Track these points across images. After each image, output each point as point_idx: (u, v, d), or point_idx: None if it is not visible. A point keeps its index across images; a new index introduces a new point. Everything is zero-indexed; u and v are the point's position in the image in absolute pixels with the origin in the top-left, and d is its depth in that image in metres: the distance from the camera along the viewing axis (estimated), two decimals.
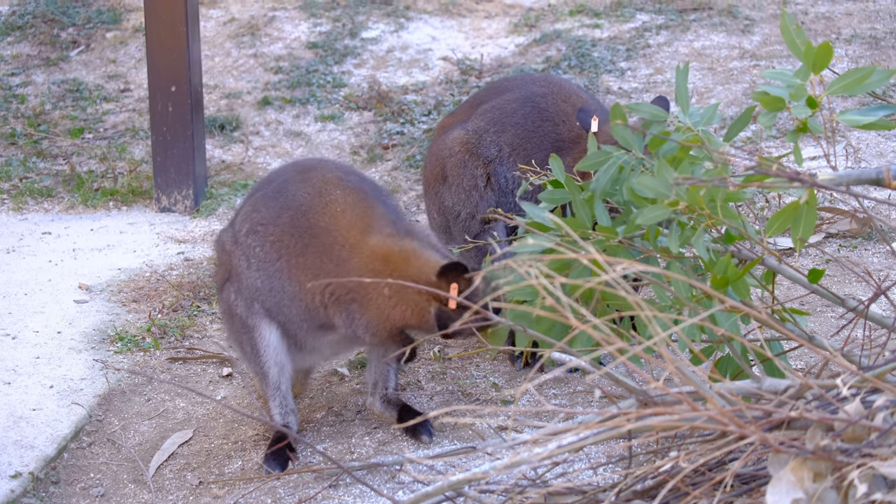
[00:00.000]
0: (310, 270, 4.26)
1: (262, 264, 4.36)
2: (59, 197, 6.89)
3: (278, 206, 4.35)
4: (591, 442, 2.69)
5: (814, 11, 8.44)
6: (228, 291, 4.47)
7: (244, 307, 4.42)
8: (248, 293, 4.40)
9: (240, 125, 7.66)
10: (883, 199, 4.85)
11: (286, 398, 4.46)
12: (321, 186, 4.33)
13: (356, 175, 4.51)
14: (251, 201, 4.50)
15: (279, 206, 4.35)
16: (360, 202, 4.30)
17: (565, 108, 4.95)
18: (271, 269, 4.33)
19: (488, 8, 9.11)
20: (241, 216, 4.50)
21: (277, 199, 4.37)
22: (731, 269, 3.39)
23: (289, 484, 4.18)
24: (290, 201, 4.34)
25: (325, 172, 4.40)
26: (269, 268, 4.34)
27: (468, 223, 5.01)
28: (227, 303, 4.50)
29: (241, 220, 4.47)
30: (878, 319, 3.68)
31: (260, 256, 4.35)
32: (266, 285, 4.36)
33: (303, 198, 4.32)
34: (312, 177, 4.38)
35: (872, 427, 2.56)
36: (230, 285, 4.46)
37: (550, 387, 4.67)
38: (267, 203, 4.39)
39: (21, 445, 4.51)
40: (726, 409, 2.57)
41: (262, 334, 4.40)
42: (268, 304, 4.38)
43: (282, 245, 4.31)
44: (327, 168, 4.45)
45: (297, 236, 4.28)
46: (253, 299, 4.39)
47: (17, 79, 8.25)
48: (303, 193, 4.33)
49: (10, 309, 5.48)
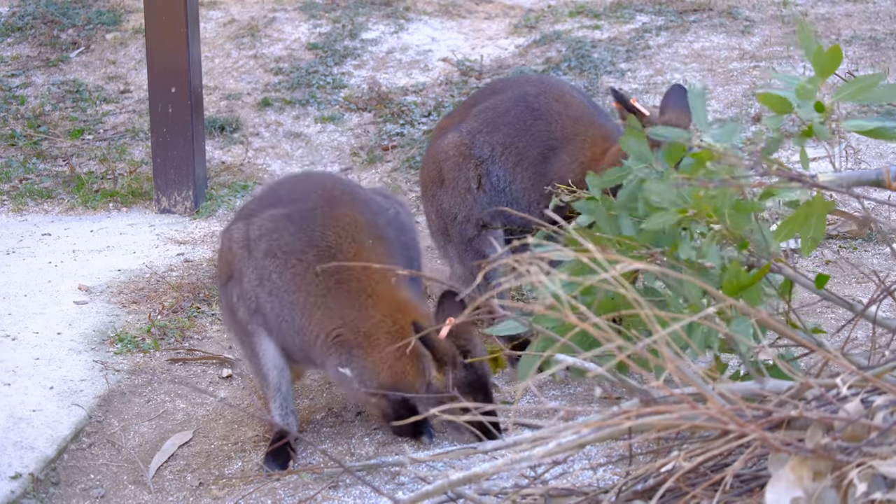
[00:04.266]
0: (329, 312, 4.27)
1: (276, 291, 4.35)
2: (59, 198, 6.89)
3: (304, 238, 4.32)
4: (591, 441, 2.69)
5: (814, 13, 8.44)
6: (231, 292, 4.49)
7: (245, 313, 4.44)
8: (250, 304, 4.42)
9: (240, 126, 7.66)
10: (883, 200, 4.84)
11: (287, 399, 4.49)
12: (353, 231, 4.32)
13: (383, 215, 4.50)
14: (271, 215, 4.43)
15: (305, 239, 4.32)
16: (388, 253, 4.33)
17: (557, 107, 4.97)
18: (286, 299, 4.33)
19: (488, 9, 9.12)
20: (257, 226, 4.43)
21: (303, 230, 4.33)
22: (743, 275, 3.39)
23: (289, 484, 4.18)
24: (317, 238, 4.31)
25: (355, 212, 4.37)
26: (283, 297, 4.34)
27: (464, 226, 5.04)
28: (229, 301, 4.52)
29: (257, 232, 4.42)
30: (880, 321, 3.68)
31: (276, 283, 4.34)
32: (274, 310, 4.38)
33: (332, 239, 4.30)
34: (343, 216, 4.35)
35: (872, 426, 2.56)
36: (234, 286, 4.47)
37: (550, 387, 4.67)
38: (290, 229, 4.35)
39: (21, 446, 4.51)
40: (726, 409, 2.57)
41: (261, 341, 4.44)
42: (269, 323, 4.41)
43: (304, 281, 4.29)
44: (357, 206, 4.41)
45: (321, 277, 4.27)
46: (255, 311, 4.42)
47: (17, 80, 8.25)
48: (332, 234, 4.31)
49: (10, 310, 5.47)
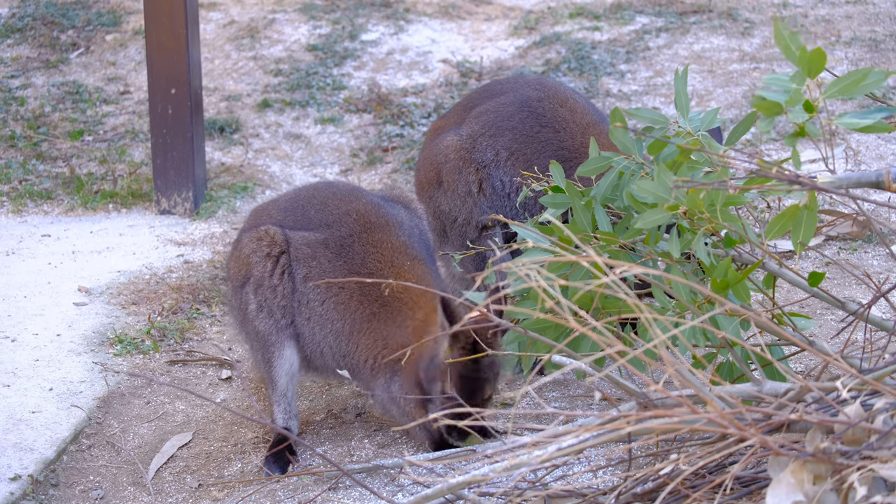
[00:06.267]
0: (374, 336, 4.34)
1: (317, 318, 4.42)
2: (59, 199, 6.89)
3: (345, 267, 4.40)
4: (590, 444, 2.69)
5: (813, 14, 8.44)
6: (248, 297, 4.48)
7: (270, 324, 4.45)
8: (279, 319, 4.44)
9: (239, 127, 7.66)
10: (883, 202, 4.83)
11: (291, 404, 4.51)
12: (391, 256, 4.40)
13: (414, 235, 4.55)
14: (305, 239, 4.47)
15: (346, 268, 4.40)
16: (425, 273, 4.39)
17: (563, 113, 4.90)
18: (329, 328, 4.41)
19: (488, 10, 9.12)
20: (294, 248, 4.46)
21: (341, 257, 4.41)
22: (732, 273, 3.39)
23: (288, 487, 4.18)
24: (358, 266, 4.39)
25: (391, 237, 4.44)
26: (327, 325, 4.42)
27: (464, 228, 5.01)
28: (243, 305, 4.50)
29: (294, 253, 4.45)
30: (879, 322, 3.68)
31: (317, 311, 4.42)
32: (314, 335, 4.44)
33: (373, 265, 4.38)
34: (381, 242, 4.43)
35: (872, 429, 2.56)
36: (252, 292, 4.47)
37: (550, 389, 4.66)
38: (329, 255, 4.43)
39: (20, 448, 4.51)
40: (726, 412, 2.57)
41: (282, 352, 4.46)
42: (303, 343, 4.46)
43: (347, 309, 4.38)
44: (392, 230, 4.47)
45: (365, 303, 4.36)
46: (287, 326, 4.44)
47: (16, 81, 8.25)
48: (373, 261, 4.39)
49: (10, 311, 5.47)
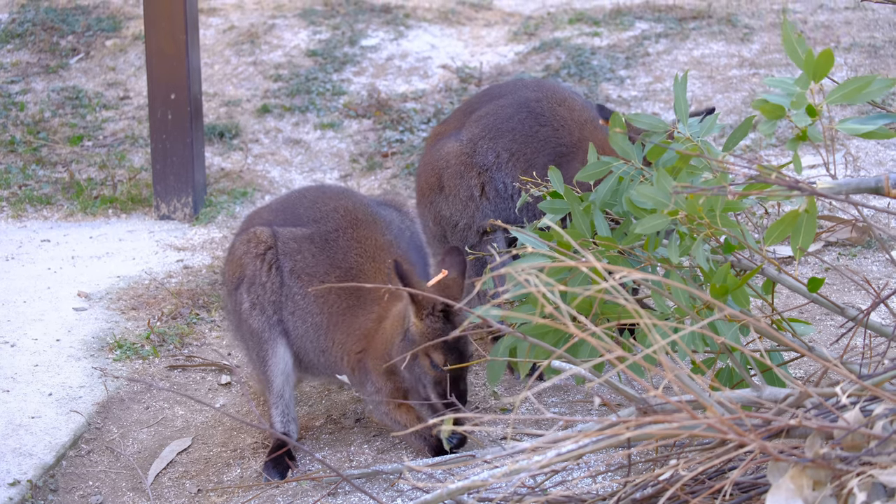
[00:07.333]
0: (350, 329, 4.37)
1: (299, 312, 4.46)
2: (59, 204, 6.89)
3: (328, 261, 4.43)
4: (590, 450, 2.69)
5: (813, 20, 8.45)
6: (242, 297, 4.50)
7: (262, 321, 4.46)
8: (270, 315, 4.47)
9: (239, 133, 7.66)
10: (882, 208, 4.83)
11: (288, 407, 4.50)
12: (374, 252, 4.43)
13: (402, 235, 4.57)
14: (294, 234, 4.50)
15: (329, 261, 4.43)
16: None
17: (561, 112, 4.93)
18: (309, 321, 4.44)
19: (488, 16, 9.12)
20: (282, 243, 4.49)
21: (325, 251, 4.44)
22: (731, 279, 3.39)
23: (287, 492, 4.18)
24: (340, 260, 4.42)
25: (377, 234, 4.47)
26: (307, 318, 4.44)
27: (465, 233, 5.01)
28: (237, 306, 4.52)
29: (281, 248, 4.48)
30: (878, 328, 3.68)
31: (300, 305, 4.45)
32: (297, 329, 4.47)
33: (354, 260, 4.41)
34: (366, 238, 4.45)
35: (872, 435, 2.56)
36: (245, 291, 4.48)
37: (550, 395, 4.66)
38: (313, 250, 4.46)
39: (20, 453, 4.51)
40: (725, 418, 2.57)
41: (275, 350, 4.48)
42: (291, 338, 4.49)
43: (325, 303, 4.41)
44: (378, 227, 4.50)
45: (344, 297, 4.39)
46: (276, 322, 4.47)
47: (16, 86, 8.26)
48: (355, 255, 4.42)
49: (9, 316, 5.47)
